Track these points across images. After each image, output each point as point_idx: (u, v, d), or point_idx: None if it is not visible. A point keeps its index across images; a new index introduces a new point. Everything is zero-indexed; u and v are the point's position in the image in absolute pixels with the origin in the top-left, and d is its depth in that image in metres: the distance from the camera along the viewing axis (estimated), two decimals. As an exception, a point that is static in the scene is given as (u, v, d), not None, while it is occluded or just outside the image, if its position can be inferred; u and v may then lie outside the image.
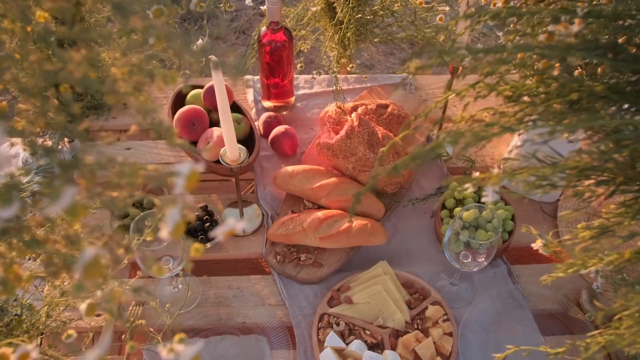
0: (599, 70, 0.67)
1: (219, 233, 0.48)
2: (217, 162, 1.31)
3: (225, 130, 1.23)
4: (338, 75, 1.79)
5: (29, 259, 0.92)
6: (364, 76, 1.73)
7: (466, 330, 1.32)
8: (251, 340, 1.32)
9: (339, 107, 1.54)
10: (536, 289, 1.39)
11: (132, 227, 1.16)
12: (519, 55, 0.61)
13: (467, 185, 0.70)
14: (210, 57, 1.07)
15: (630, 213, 0.69)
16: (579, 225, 0.77)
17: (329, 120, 1.53)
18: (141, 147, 1.62)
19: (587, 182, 0.70)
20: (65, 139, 1.65)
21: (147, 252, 1.20)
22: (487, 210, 1.31)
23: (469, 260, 1.26)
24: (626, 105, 0.63)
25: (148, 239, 1.02)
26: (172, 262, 1.24)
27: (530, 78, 0.61)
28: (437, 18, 1.53)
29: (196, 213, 1.46)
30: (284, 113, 1.70)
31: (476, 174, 0.69)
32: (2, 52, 0.46)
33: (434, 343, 1.28)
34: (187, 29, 2.90)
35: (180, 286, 1.37)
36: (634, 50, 0.61)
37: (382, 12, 1.70)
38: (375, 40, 1.76)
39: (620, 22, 0.62)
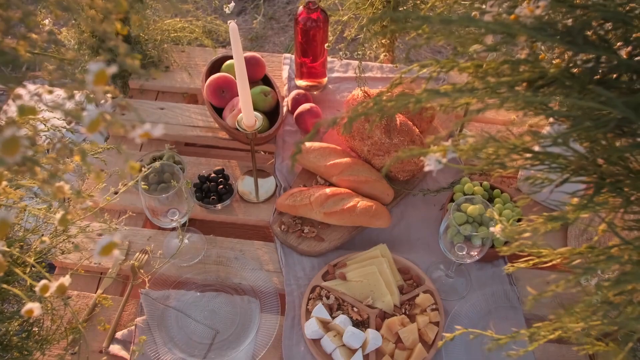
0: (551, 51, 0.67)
1: (135, 134, 0.53)
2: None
3: (242, 97, 1.28)
4: (374, 64, 1.81)
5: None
6: (395, 65, 1.75)
7: (454, 323, 1.33)
8: (244, 301, 1.37)
9: (365, 92, 1.56)
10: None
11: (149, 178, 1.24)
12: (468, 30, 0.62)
13: (422, 158, 0.72)
14: (229, 22, 1.13)
15: (582, 204, 0.70)
16: (539, 216, 0.77)
17: (354, 103, 1.57)
18: (174, 109, 1.70)
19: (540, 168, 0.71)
20: (109, 95, 1.76)
21: (154, 203, 1.27)
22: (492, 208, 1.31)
23: (464, 252, 1.26)
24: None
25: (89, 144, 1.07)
26: (178, 215, 1.31)
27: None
28: (472, 14, 1.53)
29: (212, 174, 1.52)
30: (315, 93, 1.74)
31: (433, 148, 0.71)
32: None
33: (419, 330, 1.30)
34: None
35: (186, 240, 1.44)
36: (591, 36, 0.62)
37: (423, 6, 1.70)
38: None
39: (584, 11, 0.63)
